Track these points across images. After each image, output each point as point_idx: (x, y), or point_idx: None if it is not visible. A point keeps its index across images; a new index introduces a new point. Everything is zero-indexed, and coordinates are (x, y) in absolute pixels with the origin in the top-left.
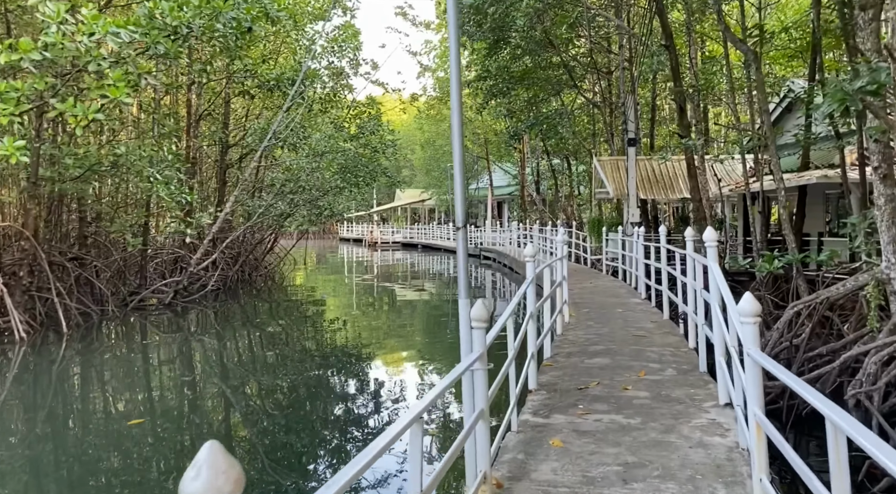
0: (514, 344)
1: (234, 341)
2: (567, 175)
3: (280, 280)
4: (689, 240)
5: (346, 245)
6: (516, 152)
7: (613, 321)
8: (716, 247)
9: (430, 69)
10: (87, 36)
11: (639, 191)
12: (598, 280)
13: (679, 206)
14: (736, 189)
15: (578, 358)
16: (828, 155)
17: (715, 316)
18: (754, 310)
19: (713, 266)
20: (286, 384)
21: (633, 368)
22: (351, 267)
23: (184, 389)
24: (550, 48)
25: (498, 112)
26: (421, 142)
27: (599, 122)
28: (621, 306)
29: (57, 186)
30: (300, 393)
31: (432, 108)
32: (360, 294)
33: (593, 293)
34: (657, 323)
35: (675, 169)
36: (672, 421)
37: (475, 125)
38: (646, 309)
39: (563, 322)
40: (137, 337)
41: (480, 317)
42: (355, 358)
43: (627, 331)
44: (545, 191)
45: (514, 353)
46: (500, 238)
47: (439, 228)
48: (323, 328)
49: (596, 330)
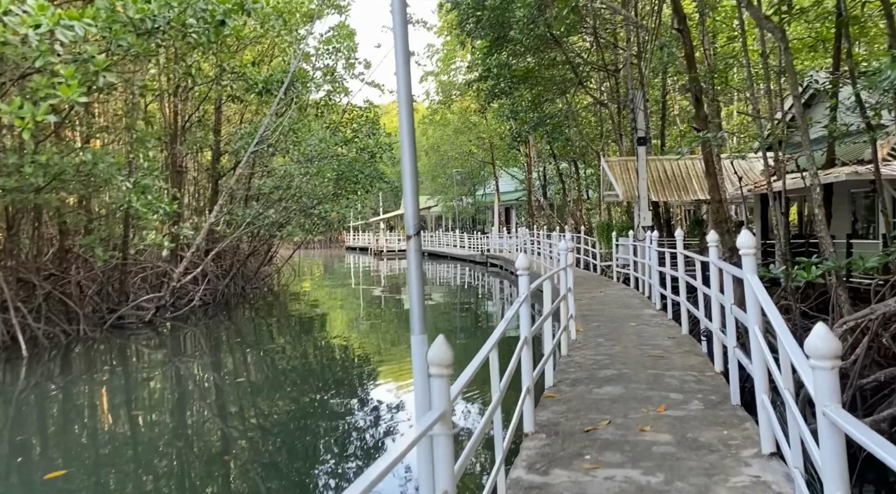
0: (500, 385)
1: (210, 367)
2: (575, 179)
3: (278, 292)
4: (713, 245)
5: (352, 254)
6: (522, 156)
7: (626, 337)
8: (753, 255)
9: (434, 73)
10: (33, 28)
11: (650, 192)
12: (609, 288)
13: (692, 209)
14: (755, 189)
15: (586, 386)
16: (856, 150)
17: (755, 343)
18: (832, 350)
19: (753, 281)
20: (267, 429)
21: (650, 400)
22: (354, 276)
23: (131, 429)
24: (554, 45)
25: (501, 113)
26: (425, 147)
27: (608, 123)
28: (634, 319)
29: (11, 196)
30: (279, 444)
31: (436, 113)
32: (361, 306)
33: (603, 304)
34: (675, 339)
35: (689, 168)
36: (704, 479)
37: (480, 129)
38: (661, 323)
39: (570, 339)
40: (104, 360)
41: (441, 362)
42: (348, 386)
43: (642, 350)
44: (553, 196)
45: (500, 395)
46: (507, 244)
47: (445, 236)
48: (314, 348)
49: (606, 350)
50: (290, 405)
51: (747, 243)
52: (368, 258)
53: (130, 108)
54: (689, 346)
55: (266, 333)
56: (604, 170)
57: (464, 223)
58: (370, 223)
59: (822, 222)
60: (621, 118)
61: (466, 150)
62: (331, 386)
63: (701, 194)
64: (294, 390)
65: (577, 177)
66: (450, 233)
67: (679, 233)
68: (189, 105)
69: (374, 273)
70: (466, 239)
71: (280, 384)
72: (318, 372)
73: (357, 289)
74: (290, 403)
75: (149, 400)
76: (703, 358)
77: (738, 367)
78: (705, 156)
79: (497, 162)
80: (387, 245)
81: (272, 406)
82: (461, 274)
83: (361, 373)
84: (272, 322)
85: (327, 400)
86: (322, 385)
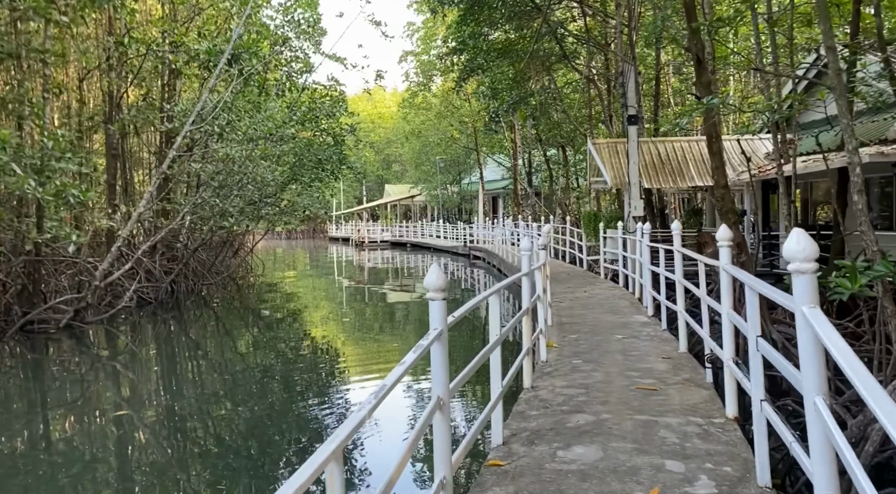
0: None
1: (106, 387)
2: (563, 165)
3: (246, 286)
4: (724, 245)
5: (335, 244)
6: (507, 141)
7: (610, 357)
8: (812, 274)
9: (414, 53)
10: None
11: (642, 178)
12: (595, 287)
13: (686, 197)
14: (759, 174)
15: (548, 445)
16: (877, 128)
17: (813, 414)
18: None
19: (820, 324)
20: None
21: (638, 473)
22: (330, 269)
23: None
24: (535, 13)
25: (479, 92)
26: (406, 133)
27: (596, 104)
28: (621, 328)
29: None
30: None
31: (416, 96)
32: (332, 302)
33: (586, 307)
34: (672, 361)
35: (685, 151)
36: None
37: (462, 113)
38: (654, 335)
39: (539, 361)
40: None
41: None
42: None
43: (630, 379)
44: (539, 184)
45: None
46: (490, 235)
47: (429, 226)
48: (265, 354)
49: (584, 377)
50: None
51: (802, 253)
52: (349, 249)
53: (24, 78)
54: (690, 371)
55: (211, 336)
56: (591, 153)
57: (449, 213)
58: (358, 212)
59: (864, 212)
60: (611, 98)
61: (449, 136)
62: (274, 415)
63: (699, 180)
64: (218, 424)
65: (564, 164)
66: (433, 224)
67: (676, 226)
68: (126, 80)
69: (353, 265)
70: (450, 229)
71: (200, 410)
72: (259, 390)
73: (331, 283)
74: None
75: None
76: (709, 392)
77: (767, 425)
78: (707, 130)
79: (483, 148)
80: (368, 235)
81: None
82: (442, 267)
83: (319, 395)
84: (226, 321)
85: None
86: (264, 412)
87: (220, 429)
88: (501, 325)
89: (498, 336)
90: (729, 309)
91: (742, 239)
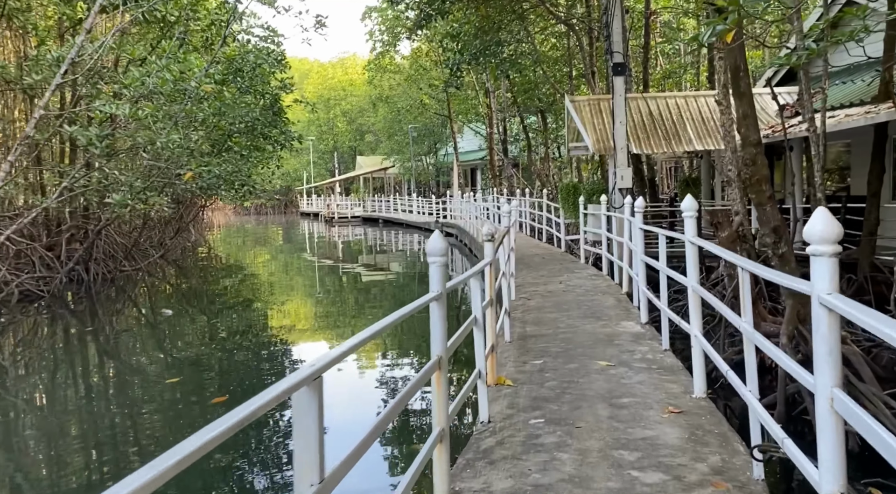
0: None
1: None
2: (542, 133)
3: (189, 268)
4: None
5: (306, 220)
6: (483, 107)
7: (589, 410)
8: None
9: (378, 9)
10: None
11: (630, 142)
12: (573, 275)
13: (674, 165)
14: (772, 134)
15: None
16: None
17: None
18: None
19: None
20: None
21: None
22: (293, 246)
23: None
24: None
25: (436, 40)
26: (373, 98)
27: (578, 61)
28: (606, 345)
29: None
30: None
31: (382, 56)
32: (283, 287)
33: (560, 307)
34: (686, 420)
35: (681, 109)
36: None
37: (432, 75)
38: (653, 359)
39: (479, 423)
40: None
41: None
42: None
43: (621, 471)
44: (518, 154)
45: None
46: (461, 211)
47: (401, 201)
48: (159, 364)
49: (542, 469)
50: None
51: None
52: (321, 225)
53: None
54: (719, 448)
55: (102, 337)
56: (569, 112)
57: (426, 186)
58: (322, 186)
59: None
60: (594, 51)
61: (419, 101)
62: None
63: (698, 143)
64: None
65: (544, 131)
66: (406, 199)
67: (690, 205)
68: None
69: (319, 241)
70: (423, 204)
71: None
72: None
73: (288, 264)
74: None
75: None
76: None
77: None
78: (731, 59)
79: (458, 116)
80: (338, 211)
81: None
82: (410, 243)
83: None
84: (135, 316)
85: None
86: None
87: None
88: None
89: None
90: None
91: (781, 221)
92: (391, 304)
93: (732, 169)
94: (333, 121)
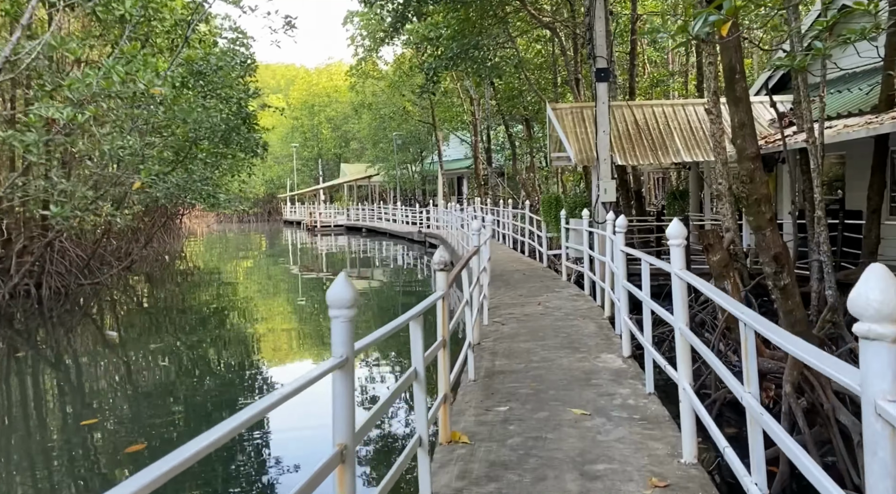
0: None
1: None
2: (526, 142)
3: (158, 279)
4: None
5: (289, 228)
6: (468, 116)
7: (553, 470)
8: None
9: (360, 14)
10: None
11: (614, 153)
12: (553, 294)
13: (661, 176)
14: (765, 146)
15: None
16: None
17: None
18: None
19: None
20: None
21: None
22: (267, 256)
23: None
24: None
25: (411, 41)
26: (355, 104)
27: (562, 68)
28: (583, 386)
29: None
30: None
31: (365, 61)
32: (253, 302)
33: (535, 334)
34: (671, 490)
35: (668, 118)
36: None
37: (415, 82)
38: (635, 406)
39: (429, 468)
40: None
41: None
42: None
43: None
44: (504, 163)
45: None
46: (444, 221)
47: (385, 209)
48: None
49: None
50: None
51: None
52: (303, 234)
53: None
54: None
55: (26, 365)
56: (550, 121)
57: (410, 195)
58: (305, 194)
59: None
60: (579, 58)
61: (402, 108)
62: None
63: (687, 154)
64: None
65: (529, 140)
66: (390, 208)
67: (677, 232)
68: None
69: (298, 251)
70: (407, 213)
71: None
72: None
73: (268, 275)
74: None
75: None
76: None
77: None
78: (727, 61)
79: (444, 124)
80: (321, 219)
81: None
82: (394, 255)
83: None
84: (77, 339)
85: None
86: None
87: None
88: None
89: None
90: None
91: (784, 248)
92: (366, 328)
93: (723, 182)
94: (318, 128)
